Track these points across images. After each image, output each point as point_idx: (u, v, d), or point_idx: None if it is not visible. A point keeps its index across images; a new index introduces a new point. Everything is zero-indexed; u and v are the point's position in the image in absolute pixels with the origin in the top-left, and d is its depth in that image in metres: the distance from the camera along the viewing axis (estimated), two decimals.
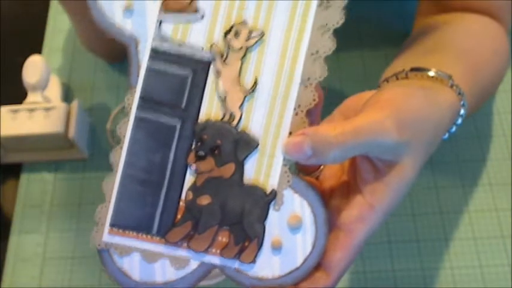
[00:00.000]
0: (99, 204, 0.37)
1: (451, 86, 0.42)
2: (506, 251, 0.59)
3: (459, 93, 0.42)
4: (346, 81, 0.69)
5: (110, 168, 0.69)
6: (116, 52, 0.69)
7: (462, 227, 0.61)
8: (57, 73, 0.71)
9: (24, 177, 0.66)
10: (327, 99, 0.37)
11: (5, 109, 0.64)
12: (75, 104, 0.65)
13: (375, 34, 0.73)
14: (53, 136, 0.63)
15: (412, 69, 0.43)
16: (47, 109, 0.63)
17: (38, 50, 0.74)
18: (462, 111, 0.43)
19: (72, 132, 0.63)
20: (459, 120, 0.43)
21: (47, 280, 0.60)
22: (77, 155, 0.66)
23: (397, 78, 0.44)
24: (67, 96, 0.70)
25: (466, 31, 0.52)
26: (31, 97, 0.65)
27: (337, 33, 0.33)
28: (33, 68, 0.65)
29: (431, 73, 0.42)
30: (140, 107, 0.36)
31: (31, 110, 0.63)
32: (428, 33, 0.52)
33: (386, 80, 0.45)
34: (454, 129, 0.43)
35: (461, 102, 0.42)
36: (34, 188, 0.65)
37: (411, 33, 0.58)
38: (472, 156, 0.65)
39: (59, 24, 0.76)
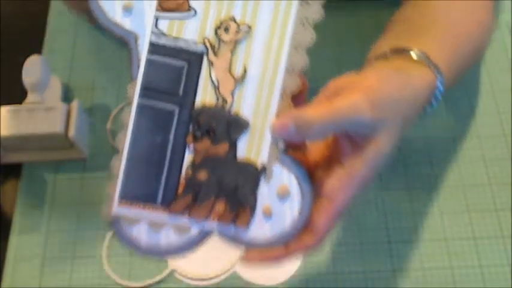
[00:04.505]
0: (109, 183, 0.41)
1: (429, 66, 0.45)
2: (506, 251, 0.59)
3: (436, 72, 0.45)
4: None
5: (109, 168, 0.69)
6: None
7: (462, 227, 0.61)
8: (57, 73, 0.71)
9: (24, 177, 0.66)
10: None
11: (5, 109, 0.64)
12: (75, 104, 0.65)
13: (375, 33, 0.73)
14: (53, 136, 0.63)
15: (392, 51, 0.47)
16: (47, 109, 0.63)
17: (38, 50, 0.74)
18: (440, 88, 0.46)
19: (72, 132, 0.63)
20: (438, 96, 0.46)
21: (47, 280, 0.60)
22: (77, 155, 0.66)
23: (379, 60, 0.47)
24: (67, 96, 0.70)
25: (449, 3, 0.53)
26: (31, 97, 0.65)
27: (338, 32, 0.34)
28: (33, 68, 0.65)
29: (411, 54, 0.46)
30: (142, 95, 0.40)
31: (31, 110, 0.63)
32: (411, 8, 0.54)
33: (370, 62, 0.48)
34: (435, 104, 0.47)
35: (438, 80, 0.45)
36: (34, 188, 0.65)
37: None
38: (472, 156, 0.65)
39: (59, 24, 0.76)
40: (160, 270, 0.60)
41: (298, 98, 0.41)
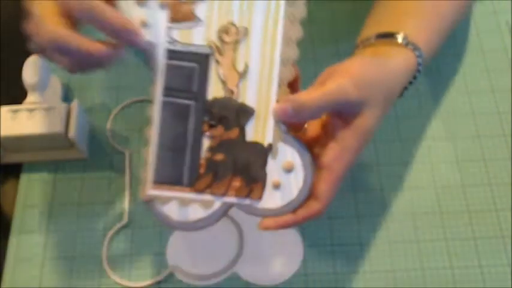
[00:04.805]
0: (142, 169, 0.48)
1: (410, 48, 0.52)
2: (506, 251, 0.59)
3: (417, 52, 0.52)
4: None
5: (109, 168, 0.69)
6: None
7: (462, 227, 0.61)
8: (57, 73, 0.71)
9: (24, 177, 0.66)
10: None
11: (5, 109, 0.64)
12: (75, 104, 0.65)
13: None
14: (53, 136, 0.63)
15: (378, 36, 0.53)
16: (47, 109, 0.63)
17: None
18: (420, 65, 0.52)
19: (72, 132, 0.63)
20: (420, 70, 0.52)
21: (47, 280, 0.60)
22: (77, 155, 0.66)
23: (365, 46, 0.53)
24: (67, 96, 0.70)
25: None
26: (31, 97, 0.65)
27: (338, 29, 0.34)
28: (33, 68, 0.65)
29: (396, 38, 0.52)
30: (164, 94, 0.47)
31: (31, 110, 0.63)
32: None
33: (358, 47, 0.54)
34: (418, 78, 0.53)
35: (419, 59, 0.52)
36: (34, 188, 0.65)
37: None
38: (472, 156, 0.65)
39: None
40: (160, 270, 0.60)
41: (293, 84, 0.48)
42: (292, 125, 0.48)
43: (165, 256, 0.60)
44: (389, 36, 0.52)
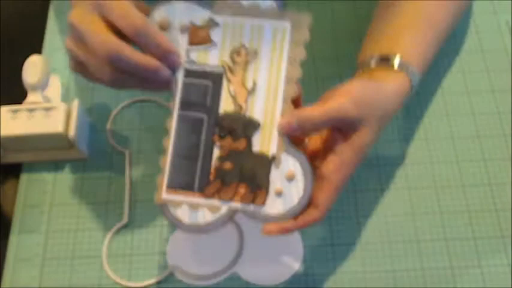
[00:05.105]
0: (159, 175, 0.51)
1: (404, 71, 0.56)
2: (506, 251, 0.59)
3: (411, 75, 0.56)
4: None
5: (109, 168, 0.69)
6: None
7: (462, 227, 0.61)
8: (57, 73, 0.71)
9: (24, 177, 0.66)
10: None
11: (5, 109, 0.64)
12: (75, 104, 0.65)
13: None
14: (53, 136, 0.63)
15: (377, 60, 0.57)
16: (47, 109, 0.63)
17: (38, 50, 0.74)
18: (414, 86, 0.57)
19: (72, 132, 0.63)
20: (413, 90, 0.57)
21: (47, 280, 0.60)
22: (77, 155, 0.66)
23: (364, 71, 0.57)
24: (67, 96, 0.70)
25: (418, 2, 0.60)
26: (31, 97, 0.65)
27: (339, 35, 0.34)
28: (33, 68, 0.65)
29: (392, 64, 0.56)
30: (180, 108, 0.51)
31: (31, 110, 0.63)
32: (386, 9, 0.61)
33: (358, 70, 0.59)
34: (411, 95, 0.57)
35: (413, 81, 0.56)
36: (34, 188, 0.65)
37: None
38: (472, 156, 0.65)
39: (59, 24, 0.76)
40: (160, 270, 0.60)
41: (296, 100, 0.51)
42: (294, 139, 0.51)
43: (165, 256, 0.60)
44: (386, 60, 0.57)
